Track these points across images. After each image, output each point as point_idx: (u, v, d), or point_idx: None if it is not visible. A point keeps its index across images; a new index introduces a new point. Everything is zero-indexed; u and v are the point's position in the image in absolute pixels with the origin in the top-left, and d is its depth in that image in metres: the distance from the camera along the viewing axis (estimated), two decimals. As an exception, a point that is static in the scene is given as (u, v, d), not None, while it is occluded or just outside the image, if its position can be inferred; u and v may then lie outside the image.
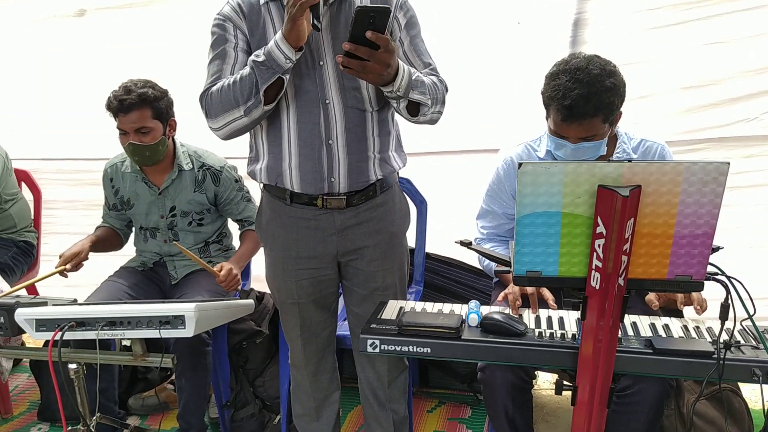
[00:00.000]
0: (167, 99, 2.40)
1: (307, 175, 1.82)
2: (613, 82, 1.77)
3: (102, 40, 3.02)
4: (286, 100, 1.78)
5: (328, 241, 1.91)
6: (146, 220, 2.57)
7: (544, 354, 1.60)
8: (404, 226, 2.05)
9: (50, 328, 1.80)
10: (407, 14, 1.86)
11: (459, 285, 2.84)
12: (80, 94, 3.10)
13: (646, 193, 1.27)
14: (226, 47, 1.78)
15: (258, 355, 2.71)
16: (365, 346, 1.68)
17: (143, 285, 2.55)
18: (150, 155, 2.39)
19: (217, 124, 1.75)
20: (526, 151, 2.09)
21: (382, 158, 1.88)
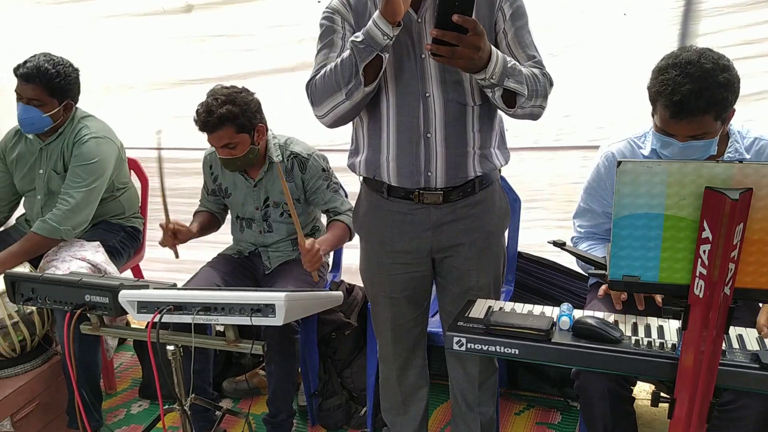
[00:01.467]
0: (251, 108, 2.40)
1: (403, 168, 1.81)
2: (726, 77, 1.66)
3: (207, 35, 3.12)
4: (386, 92, 1.78)
5: (423, 236, 1.89)
6: (243, 209, 2.64)
7: (640, 363, 1.52)
8: (503, 225, 2.00)
9: (150, 311, 1.87)
10: (514, 4, 1.79)
11: (552, 286, 2.76)
12: (186, 87, 3.22)
13: (758, 196, 1.18)
14: (334, 37, 1.79)
15: (346, 346, 2.74)
16: (451, 344, 1.65)
17: (238, 273, 2.63)
18: (241, 164, 2.46)
19: (321, 110, 1.76)
20: (630, 147, 2.00)
21: (483, 154, 1.83)
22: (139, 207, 3.07)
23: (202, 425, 2.50)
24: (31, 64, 2.57)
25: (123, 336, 2.25)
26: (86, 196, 2.63)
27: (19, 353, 2.50)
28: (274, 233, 2.62)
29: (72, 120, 2.72)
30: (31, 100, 2.58)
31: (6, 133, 2.85)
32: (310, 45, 2.99)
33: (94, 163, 2.65)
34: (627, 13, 2.62)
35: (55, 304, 2.01)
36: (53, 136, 2.71)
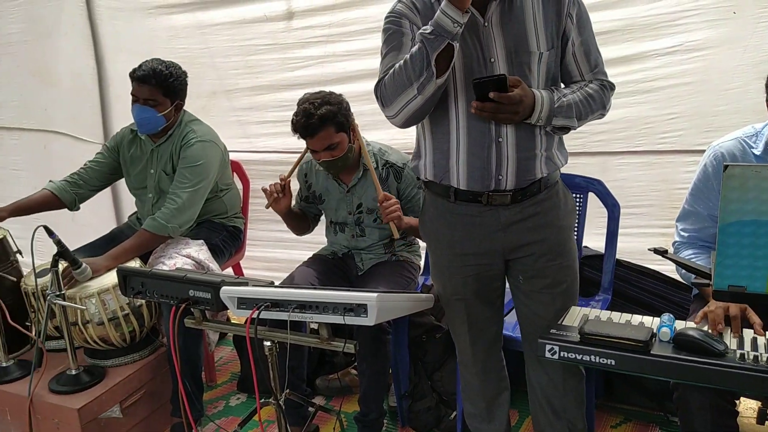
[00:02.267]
0: (344, 107, 2.47)
1: (474, 173, 1.82)
2: None
3: (306, 40, 3.21)
4: (455, 97, 1.79)
5: (494, 237, 1.89)
6: (336, 215, 2.70)
7: (746, 379, 1.44)
8: (571, 220, 1.99)
9: (249, 307, 1.94)
10: (579, 11, 1.81)
11: (652, 296, 2.65)
12: (285, 92, 3.33)
13: None
14: (403, 39, 1.80)
15: (437, 349, 2.74)
16: (543, 351, 1.63)
17: (332, 273, 2.69)
18: (342, 164, 2.52)
19: (392, 110, 1.78)
20: (740, 146, 1.90)
21: (548, 156, 1.85)
22: (240, 207, 3.19)
23: (295, 420, 2.57)
24: (146, 66, 2.74)
25: (223, 330, 2.35)
26: (192, 196, 2.77)
27: (128, 343, 2.66)
28: (366, 237, 2.67)
29: (180, 123, 2.87)
30: (147, 101, 2.75)
31: (122, 129, 3.04)
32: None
33: (200, 165, 2.78)
34: (737, 12, 2.48)
35: (162, 298, 2.13)
36: (163, 138, 2.86)
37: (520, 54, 1.76)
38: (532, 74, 1.77)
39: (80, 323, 2.53)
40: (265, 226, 3.53)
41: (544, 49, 1.78)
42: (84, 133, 4.02)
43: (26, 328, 2.67)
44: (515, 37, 1.76)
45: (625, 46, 2.64)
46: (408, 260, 2.71)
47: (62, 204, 2.91)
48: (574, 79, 1.88)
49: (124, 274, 2.20)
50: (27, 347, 2.82)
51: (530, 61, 1.76)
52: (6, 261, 2.72)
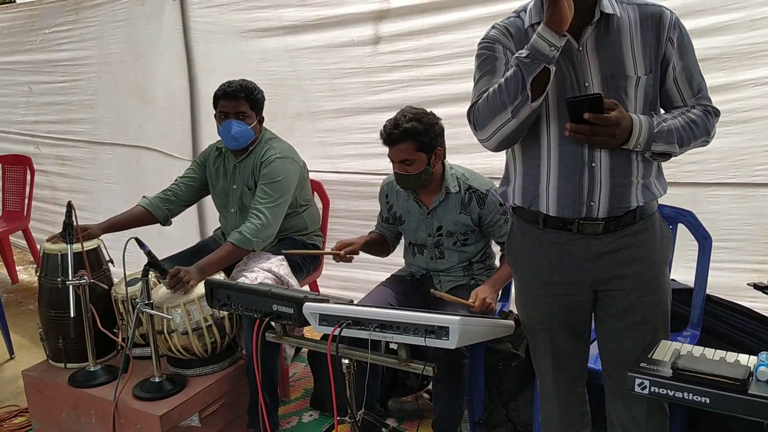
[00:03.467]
0: (435, 130, 2.49)
1: (565, 198, 1.78)
2: None
3: (392, 65, 3.26)
4: (547, 121, 1.77)
5: (584, 267, 1.84)
6: (415, 236, 2.72)
7: None
8: (666, 255, 1.92)
9: (330, 324, 1.96)
10: (680, 35, 1.77)
11: (744, 334, 2.52)
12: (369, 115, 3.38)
13: None
14: (497, 64, 1.81)
15: (513, 377, 2.69)
16: (633, 386, 1.57)
17: (410, 293, 2.70)
18: (413, 183, 2.54)
19: (485, 134, 1.78)
20: None
21: (645, 184, 1.79)
22: (320, 225, 3.25)
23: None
24: (234, 83, 2.90)
25: (304, 346, 2.38)
26: (274, 212, 2.84)
27: (209, 354, 2.72)
28: (445, 260, 2.67)
29: (261, 140, 2.98)
30: (239, 114, 2.88)
31: (209, 146, 3.18)
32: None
33: (280, 180, 2.87)
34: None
35: (247, 311, 2.18)
36: (245, 154, 2.98)
37: (616, 78, 1.74)
38: (628, 99, 1.74)
39: (165, 332, 2.61)
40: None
41: (642, 74, 1.74)
42: (174, 150, 4.20)
43: (114, 335, 2.78)
44: (611, 61, 1.73)
45: (721, 74, 2.56)
46: (486, 284, 2.69)
47: (155, 219, 3.05)
48: (675, 104, 1.83)
49: (212, 286, 2.27)
50: (114, 353, 2.92)
51: (627, 85, 1.73)
52: (99, 269, 2.85)
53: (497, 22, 1.86)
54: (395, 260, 2.96)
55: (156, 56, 4.11)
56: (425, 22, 3.10)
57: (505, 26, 1.84)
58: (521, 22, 1.82)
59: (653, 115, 1.77)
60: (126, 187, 4.55)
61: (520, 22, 1.83)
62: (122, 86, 4.41)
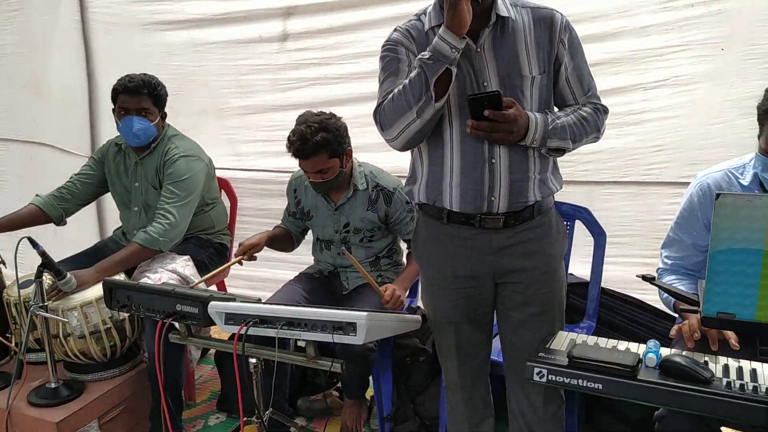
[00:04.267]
0: (341, 134, 2.50)
1: (467, 194, 1.83)
2: None
3: (300, 62, 3.24)
4: (450, 120, 1.82)
5: (486, 261, 1.91)
6: (323, 232, 2.72)
7: (732, 406, 1.45)
8: (562, 249, 2.01)
9: (237, 323, 1.93)
10: (570, 37, 1.86)
11: (636, 324, 2.67)
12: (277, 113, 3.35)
13: None
14: (399, 66, 1.85)
15: (420, 372, 2.74)
16: (531, 374, 1.63)
17: (319, 291, 2.70)
18: (331, 186, 2.56)
19: (392, 134, 1.81)
20: (727, 178, 1.94)
21: (542, 179, 1.87)
22: (227, 224, 3.18)
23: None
24: (136, 77, 2.78)
25: (209, 346, 2.34)
26: (182, 212, 2.76)
27: (109, 358, 2.62)
28: (352, 255, 2.67)
29: (163, 138, 2.88)
30: (141, 111, 2.77)
31: (107, 142, 3.04)
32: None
33: (186, 179, 2.79)
34: (724, 49, 2.56)
35: (148, 312, 2.11)
36: (147, 151, 2.88)
37: (513, 78, 1.80)
38: (525, 98, 1.81)
39: (61, 336, 2.49)
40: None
41: (537, 73, 1.82)
42: (71, 146, 4.02)
43: (7, 340, 2.63)
44: (507, 62, 1.80)
45: (613, 79, 2.70)
46: (393, 280, 2.71)
47: (49, 219, 2.89)
48: (568, 102, 1.91)
49: (110, 286, 2.19)
50: (7, 359, 2.77)
51: (523, 84, 1.80)
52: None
53: (399, 25, 1.90)
54: (304, 258, 2.95)
55: (52, 48, 3.91)
56: (333, 20, 3.11)
57: (406, 29, 1.88)
58: (422, 24, 1.87)
59: (547, 113, 1.85)
60: (19, 186, 4.30)
61: (420, 24, 1.87)
62: (16, 79, 4.17)
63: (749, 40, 2.52)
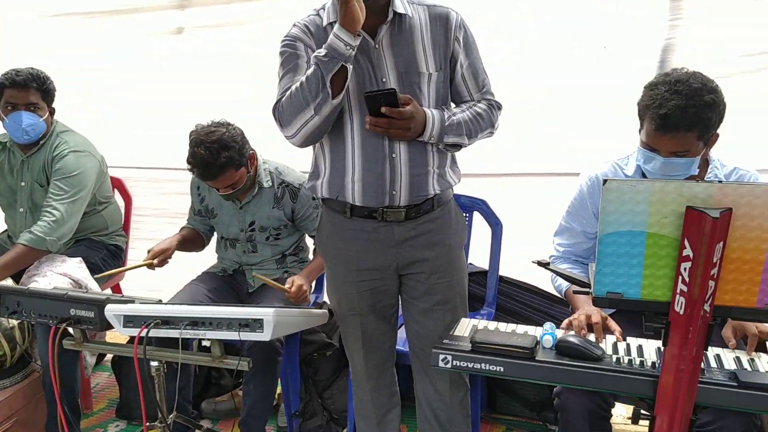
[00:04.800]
0: (240, 143, 2.42)
1: (369, 188, 1.87)
2: (712, 98, 1.74)
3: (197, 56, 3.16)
4: (350, 116, 1.85)
5: (388, 253, 1.95)
6: (227, 230, 2.67)
7: (622, 380, 1.56)
8: (462, 239, 2.08)
9: (137, 325, 1.87)
10: (465, 35, 1.92)
11: (532, 310, 2.80)
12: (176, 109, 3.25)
13: (736, 216, 1.24)
14: (298, 62, 1.86)
15: (327, 367, 2.75)
16: (437, 361, 1.68)
17: (222, 290, 2.64)
18: (239, 192, 2.52)
19: (291, 131, 1.82)
20: (613, 169, 2.06)
21: (440, 173, 1.93)
22: (122, 224, 3.06)
23: (181, 444, 2.48)
24: (23, 71, 2.63)
25: (107, 351, 2.23)
26: (70, 208, 2.63)
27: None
28: (258, 254, 2.65)
29: (52, 134, 2.74)
30: (30, 105, 2.62)
31: None
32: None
33: (76, 175, 2.67)
34: (607, 47, 2.72)
35: (40, 317, 2.01)
36: (35, 149, 2.73)
37: (410, 74, 1.84)
38: (422, 94, 1.86)
39: (-58, 348, 2.33)
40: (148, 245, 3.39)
41: (433, 70, 1.87)
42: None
43: None
44: (405, 58, 1.84)
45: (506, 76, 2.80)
46: (299, 277, 2.71)
47: None
48: (464, 99, 1.97)
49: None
50: None
51: (420, 81, 1.85)
52: None
53: (298, 20, 1.90)
54: (206, 257, 2.88)
55: None
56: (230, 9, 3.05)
57: (305, 24, 1.89)
58: (320, 20, 1.88)
59: (444, 109, 1.90)
60: None
61: (319, 20, 1.88)
62: None
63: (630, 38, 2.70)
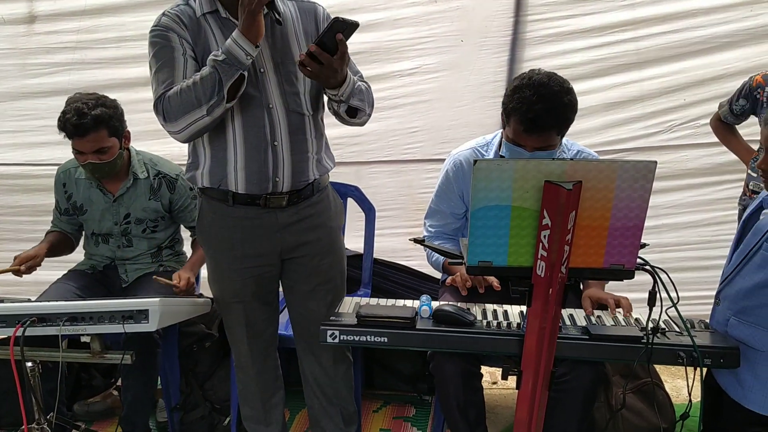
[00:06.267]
0: (119, 112, 2.40)
1: (252, 176, 1.91)
2: (570, 99, 1.94)
3: (51, 46, 3.01)
4: (232, 107, 1.85)
5: (273, 238, 2.00)
6: (99, 225, 2.58)
7: (493, 341, 1.74)
8: (340, 221, 2.20)
9: (11, 324, 1.80)
10: None
11: (405, 288, 2.96)
12: (25, 100, 3.08)
13: (585, 188, 1.42)
14: (175, 54, 1.84)
15: (207, 358, 2.75)
16: (325, 337, 1.78)
17: (93, 287, 2.55)
18: (109, 170, 2.42)
19: (177, 126, 1.81)
20: (475, 154, 2.24)
21: (318, 159, 2.01)
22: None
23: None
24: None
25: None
26: None
27: None
28: (133, 248, 2.59)
29: None
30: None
31: None
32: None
33: None
34: (464, 40, 2.92)
35: None
36: None
37: (287, 64, 1.91)
38: (298, 82, 1.92)
39: None
40: (4, 245, 3.21)
41: None
42: None
43: None
44: (280, 50, 1.90)
45: (372, 67, 2.92)
46: (176, 269, 2.67)
47: None
48: None
49: None
50: None
51: (296, 71, 1.89)
52: None
53: (167, 9, 1.88)
54: (72, 256, 2.76)
55: None
56: (88, 2, 2.94)
57: (176, 14, 1.87)
58: (192, 10, 1.87)
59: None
60: None
61: (190, 10, 1.88)
62: None
63: (482, 32, 2.92)
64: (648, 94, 3.01)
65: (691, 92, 2.99)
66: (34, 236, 2.63)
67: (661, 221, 3.05)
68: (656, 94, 3.00)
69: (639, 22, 2.91)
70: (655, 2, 2.89)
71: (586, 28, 2.93)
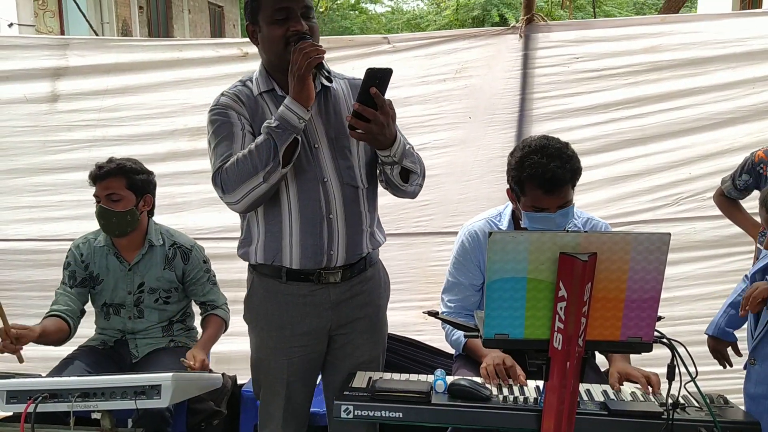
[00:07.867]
0: (147, 177, 2.52)
1: (307, 250, 1.91)
2: (572, 151, 2.03)
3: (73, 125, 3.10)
4: (286, 180, 1.89)
5: (323, 315, 1.99)
6: (112, 295, 2.58)
7: (510, 416, 1.72)
8: (388, 297, 2.18)
9: (22, 400, 1.79)
10: None
11: (416, 364, 2.91)
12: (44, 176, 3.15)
13: (600, 260, 1.43)
14: (234, 130, 1.89)
15: (216, 436, 2.69)
16: (339, 412, 1.75)
17: (103, 363, 2.51)
18: (117, 222, 2.45)
19: (235, 197, 1.83)
20: (488, 225, 2.26)
21: (372, 232, 2.02)
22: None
23: None
24: None
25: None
26: None
27: None
28: (144, 319, 2.58)
29: None
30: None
31: None
32: (181, 136, 3.09)
33: None
34: (471, 117, 3.00)
35: None
36: None
37: (340, 139, 1.94)
38: (353, 156, 1.95)
39: None
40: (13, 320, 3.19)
41: None
42: None
43: None
44: (334, 125, 1.95)
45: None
46: (187, 346, 2.65)
47: None
48: None
49: None
50: None
51: (349, 145, 1.94)
52: None
53: (226, 90, 1.95)
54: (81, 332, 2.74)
55: None
56: (110, 82, 3.05)
57: (234, 93, 1.94)
58: (249, 90, 1.95)
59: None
60: None
61: (248, 90, 1.95)
62: None
63: (490, 110, 3.00)
64: (654, 168, 3.07)
65: (697, 166, 3.05)
66: (42, 312, 2.61)
67: (672, 293, 3.03)
68: (662, 168, 3.05)
69: (642, 99, 3.00)
70: (658, 80, 2.97)
71: (590, 106, 3.02)
